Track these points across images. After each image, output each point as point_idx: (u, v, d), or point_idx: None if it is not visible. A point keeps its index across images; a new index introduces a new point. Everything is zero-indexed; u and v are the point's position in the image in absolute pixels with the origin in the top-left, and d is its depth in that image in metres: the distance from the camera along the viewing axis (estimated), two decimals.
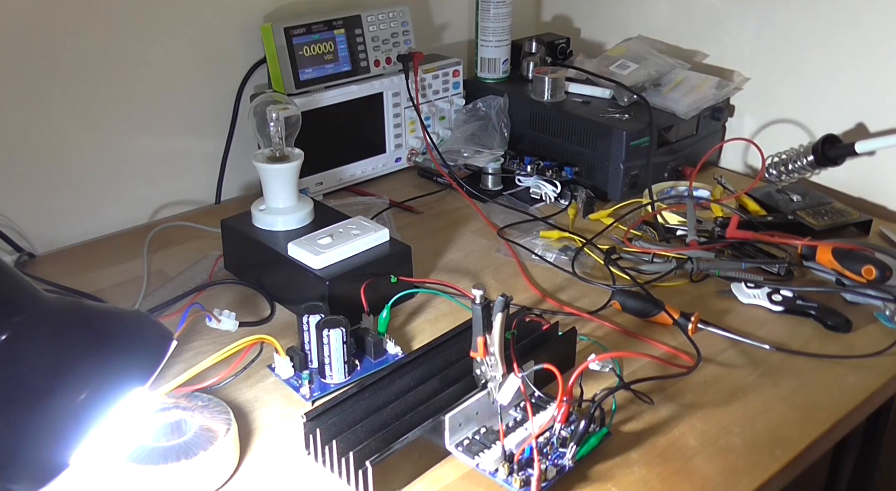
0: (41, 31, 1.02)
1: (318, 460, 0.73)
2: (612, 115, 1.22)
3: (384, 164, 1.28)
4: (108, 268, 1.05)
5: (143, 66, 1.11)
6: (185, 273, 1.03)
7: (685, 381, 0.84)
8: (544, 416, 0.75)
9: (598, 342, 0.90)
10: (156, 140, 1.15)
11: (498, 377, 0.73)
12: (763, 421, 0.79)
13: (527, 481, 0.70)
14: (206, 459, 0.69)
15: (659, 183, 1.23)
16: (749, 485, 0.72)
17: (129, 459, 0.68)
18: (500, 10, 1.34)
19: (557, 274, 1.04)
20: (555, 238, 1.11)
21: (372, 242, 0.95)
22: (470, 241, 1.12)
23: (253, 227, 1.00)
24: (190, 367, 0.80)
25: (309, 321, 0.84)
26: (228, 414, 0.74)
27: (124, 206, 1.16)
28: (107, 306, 0.67)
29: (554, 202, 1.20)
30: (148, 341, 0.62)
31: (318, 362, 0.84)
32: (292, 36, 1.15)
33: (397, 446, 0.70)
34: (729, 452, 0.75)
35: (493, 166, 1.23)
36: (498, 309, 0.70)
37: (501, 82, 1.38)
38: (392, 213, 1.19)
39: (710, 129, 1.31)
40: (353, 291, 0.90)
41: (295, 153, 1.01)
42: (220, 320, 0.90)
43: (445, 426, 0.73)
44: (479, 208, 1.19)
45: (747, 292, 0.97)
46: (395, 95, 1.25)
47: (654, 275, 1.02)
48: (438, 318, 0.95)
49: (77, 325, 0.60)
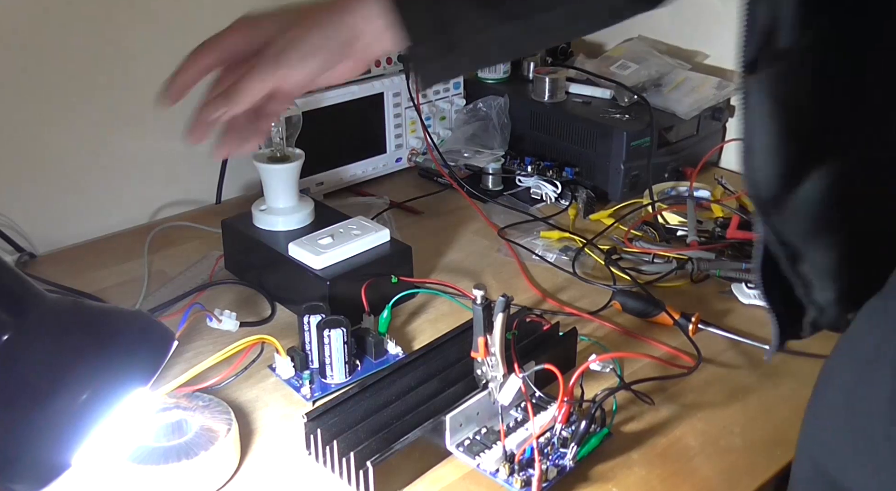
0: (41, 30, 1.02)
1: (319, 461, 0.73)
2: (612, 116, 1.22)
3: (385, 164, 1.28)
4: (109, 268, 1.05)
5: (143, 66, 1.11)
6: (186, 273, 1.03)
7: (686, 381, 0.84)
8: (545, 416, 0.75)
9: (598, 343, 0.90)
10: (156, 140, 1.15)
11: (499, 378, 0.73)
12: (763, 421, 0.79)
13: (527, 482, 0.70)
14: (206, 459, 0.69)
15: (659, 183, 1.23)
16: (749, 485, 0.72)
17: (131, 459, 0.69)
18: None
19: (558, 274, 1.04)
20: (555, 238, 1.11)
21: (372, 243, 0.96)
22: (470, 242, 1.12)
23: (253, 228, 1.00)
24: (191, 367, 0.80)
25: (310, 321, 0.84)
26: (229, 414, 0.74)
27: (125, 206, 1.16)
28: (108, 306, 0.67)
29: (554, 202, 1.20)
30: (149, 342, 0.62)
31: (318, 362, 0.84)
32: None
33: (398, 447, 0.70)
34: (729, 452, 0.75)
35: (494, 166, 1.23)
36: (499, 309, 0.70)
37: (502, 82, 1.38)
38: (392, 214, 1.19)
39: (711, 129, 1.31)
40: (354, 292, 0.90)
41: (296, 153, 1.01)
42: (221, 320, 0.90)
43: (446, 426, 0.73)
44: (480, 208, 1.19)
45: (748, 293, 0.97)
46: (396, 95, 1.25)
47: (655, 275, 1.02)
48: (439, 318, 0.95)
49: (78, 325, 0.60)
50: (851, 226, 0.61)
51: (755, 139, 0.58)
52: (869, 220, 0.61)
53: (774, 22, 0.56)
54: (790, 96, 0.56)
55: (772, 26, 0.56)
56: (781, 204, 0.60)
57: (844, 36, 0.55)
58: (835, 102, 0.58)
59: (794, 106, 0.56)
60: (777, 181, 0.59)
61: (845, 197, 0.59)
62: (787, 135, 0.57)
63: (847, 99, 0.58)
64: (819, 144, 0.58)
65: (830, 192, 0.59)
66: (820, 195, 0.59)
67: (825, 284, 0.63)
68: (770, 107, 0.56)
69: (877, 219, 0.61)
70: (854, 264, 0.62)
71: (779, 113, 0.56)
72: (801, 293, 0.64)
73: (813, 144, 0.58)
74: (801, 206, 0.60)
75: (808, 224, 0.61)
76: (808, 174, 0.58)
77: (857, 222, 0.61)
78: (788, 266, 0.63)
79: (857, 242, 0.61)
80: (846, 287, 0.63)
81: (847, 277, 0.62)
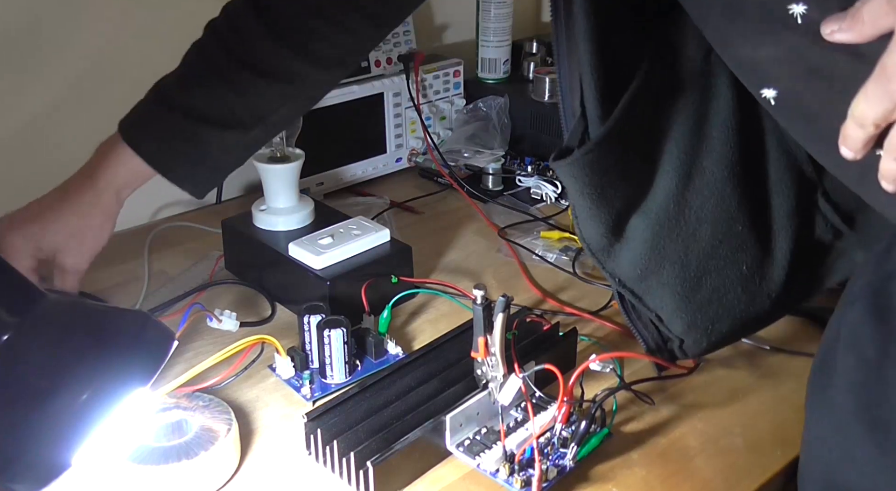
0: (41, 29, 1.02)
1: (319, 461, 0.73)
2: None
3: (385, 164, 1.28)
4: (109, 268, 1.05)
5: (144, 66, 1.11)
6: (186, 273, 1.03)
7: (686, 381, 0.84)
8: (545, 416, 0.75)
9: (598, 342, 0.90)
10: None
11: (499, 378, 0.73)
12: (764, 421, 0.79)
13: (528, 482, 0.70)
14: (206, 459, 0.69)
15: None
16: (750, 485, 0.72)
17: (131, 459, 0.69)
18: (501, 11, 1.34)
19: (558, 274, 1.04)
20: (556, 238, 1.11)
21: (373, 243, 0.96)
22: (470, 242, 1.12)
23: (253, 228, 1.00)
24: (191, 367, 0.80)
25: (310, 321, 0.84)
26: (229, 414, 0.74)
27: (125, 206, 1.16)
28: (108, 306, 0.68)
29: (555, 202, 1.20)
30: (149, 341, 0.62)
31: (318, 362, 0.84)
32: None
33: (398, 447, 0.70)
34: (730, 452, 0.75)
35: (494, 166, 1.23)
36: (499, 309, 0.70)
37: (502, 83, 1.38)
38: (393, 214, 1.19)
39: None
40: (354, 292, 0.90)
41: (296, 153, 1.01)
42: (221, 320, 0.90)
43: (446, 427, 0.73)
44: (480, 209, 1.19)
45: None
46: (396, 96, 1.25)
47: None
48: (439, 318, 0.95)
49: (78, 325, 0.60)
50: (676, 269, 0.71)
51: (575, 206, 0.71)
52: (689, 261, 0.71)
53: (584, 116, 0.66)
54: (592, 178, 0.67)
55: (582, 120, 0.66)
56: (611, 255, 0.72)
57: (641, 121, 0.66)
58: (643, 173, 0.69)
59: (599, 184, 0.68)
60: (601, 239, 0.71)
61: (665, 246, 0.70)
62: (597, 206, 0.69)
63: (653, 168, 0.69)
64: (632, 208, 0.70)
65: (650, 244, 0.70)
66: (642, 248, 0.70)
67: (672, 317, 0.73)
68: (575, 186, 0.68)
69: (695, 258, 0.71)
70: (690, 301, 0.72)
71: (585, 190, 0.68)
72: (658, 324, 0.75)
73: (627, 208, 0.70)
74: (628, 256, 0.71)
75: (639, 270, 0.71)
76: (629, 232, 0.70)
77: (681, 266, 0.71)
78: (637, 302, 0.74)
79: (686, 282, 0.71)
80: (691, 320, 0.72)
81: (688, 311, 0.72)
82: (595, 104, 0.65)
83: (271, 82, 0.81)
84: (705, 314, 0.72)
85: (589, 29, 0.62)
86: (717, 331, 0.73)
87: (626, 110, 0.65)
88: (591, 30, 0.62)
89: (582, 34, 0.62)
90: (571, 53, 0.66)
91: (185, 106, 0.81)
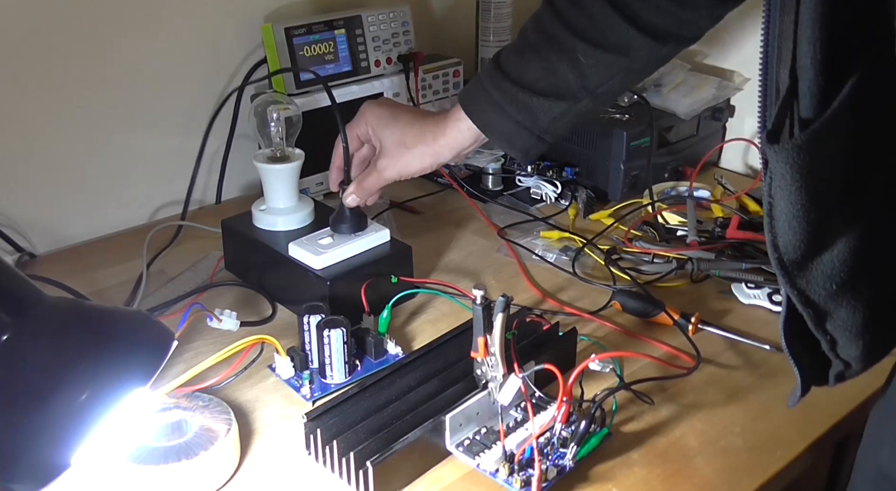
0: (42, 30, 1.02)
1: (319, 461, 0.73)
2: (612, 116, 1.22)
3: None
4: (109, 268, 1.05)
5: (143, 66, 1.11)
6: (186, 273, 1.03)
7: (686, 381, 0.84)
8: (545, 416, 0.75)
9: (598, 342, 0.90)
10: (156, 140, 1.15)
11: (498, 377, 0.73)
12: (763, 422, 0.79)
13: (527, 482, 0.70)
14: (206, 459, 0.69)
15: (659, 183, 1.23)
16: (749, 485, 0.72)
17: (130, 459, 0.69)
18: (501, 11, 1.34)
19: (558, 274, 1.04)
20: (555, 238, 1.11)
21: (372, 243, 0.96)
22: (470, 242, 1.12)
23: (253, 228, 1.00)
24: (191, 367, 0.80)
25: (310, 321, 0.84)
26: (229, 414, 0.74)
27: (124, 206, 1.16)
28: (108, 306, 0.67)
29: (554, 202, 1.20)
30: (149, 341, 0.62)
31: (318, 362, 0.84)
32: (293, 36, 1.15)
33: (398, 447, 0.70)
34: (729, 452, 0.75)
35: (494, 166, 1.23)
36: (499, 309, 0.70)
37: None
38: (392, 214, 1.19)
39: (711, 129, 1.31)
40: (354, 292, 0.90)
41: (295, 153, 1.01)
42: (221, 320, 0.90)
43: (446, 426, 0.73)
44: (480, 208, 1.19)
45: (748, 293, 0.97)
46: (396, 96, 1.25)
47: (655, 275, 1.02)
48: (439, 318, 0.95)
49: (78, 325, 0.60)
50: (877, 286, 0.60)
51: (777, 205, 0.57)
52: (894, 279, 0.61)
53: (794, 91, 0.55)
54: (813, 167, 0.54)
55: (791, 96, 0.55)
56: (805, 267, 0.59)
57: (867, 106, 0.54)
58: (859, 170, 0.57)
59: (818, 177, 0.55)
60: (800, 246, 0.58)
61: (870, 259, 0.59)
62: (809, 204, 0.56)
63: (871, 165, 0.57)
64: (844, 210, 0.58)
65: (856, 254, 0.58)
66: (845, 258, 0.58)
67: (851, 341, 0.62)
68: (793, 177, 0.55)
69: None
70: (880, 322, 0.62)
71: (802, 183, 0.55)
72: (827, 348, 0.64)
73: (837, 210, 0.57)
74: (825, 270, 0.59)
75: (834, 286, 0.60)
76: (833, 239, 0.58)
77: (883, 282, 0.60)
78: (814, 324, 0.62)
79: (883, 300, 0.61)
80: (871, 343, 0.62)
81: (872, 333, 0.62)
82: (812, 75, 0.53)
83: (606, 54, 0.81)
84: (890, 338, 0.64)
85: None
86: (885, 352, 0.65)
87: (857, 87, 0.53)
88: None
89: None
90: (785, 13, 0.55)
91: (517, 76, 0.84)
